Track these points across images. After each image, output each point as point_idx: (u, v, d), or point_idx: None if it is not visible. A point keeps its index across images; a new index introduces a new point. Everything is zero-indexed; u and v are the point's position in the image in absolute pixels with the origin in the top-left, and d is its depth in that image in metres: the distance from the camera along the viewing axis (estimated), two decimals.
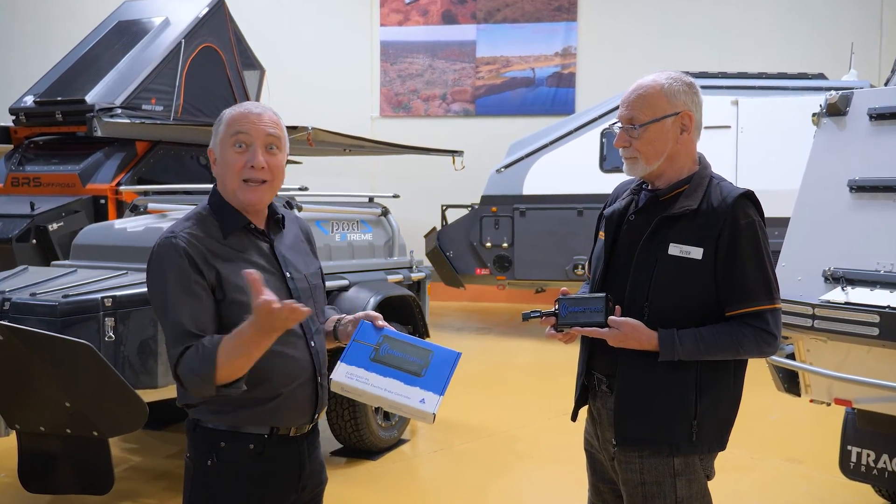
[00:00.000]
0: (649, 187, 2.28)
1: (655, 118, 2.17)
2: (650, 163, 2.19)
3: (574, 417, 2.42)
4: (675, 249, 2.11)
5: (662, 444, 2.15)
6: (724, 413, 2.20)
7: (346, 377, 2.01)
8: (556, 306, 2.21)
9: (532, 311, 2.27)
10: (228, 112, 2.10)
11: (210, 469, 2.04)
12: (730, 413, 2.21)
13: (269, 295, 1.76)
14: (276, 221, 2.17)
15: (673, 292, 2.12)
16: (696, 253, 2.09)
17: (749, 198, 2.15)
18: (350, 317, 2.22)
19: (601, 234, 2.35)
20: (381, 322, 2.12)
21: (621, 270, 2.21)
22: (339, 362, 2.04)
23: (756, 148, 8.59)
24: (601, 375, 2.26)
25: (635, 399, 2.16)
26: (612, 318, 2.12)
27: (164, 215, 4.83)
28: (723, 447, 2.22)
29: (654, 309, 2.12)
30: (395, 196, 6.22)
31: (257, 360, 1.89)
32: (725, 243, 2.09)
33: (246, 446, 2.03)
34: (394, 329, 2.13)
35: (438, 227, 10.28)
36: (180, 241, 1.98)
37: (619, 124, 2.24)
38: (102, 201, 6.27)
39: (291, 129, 6.12)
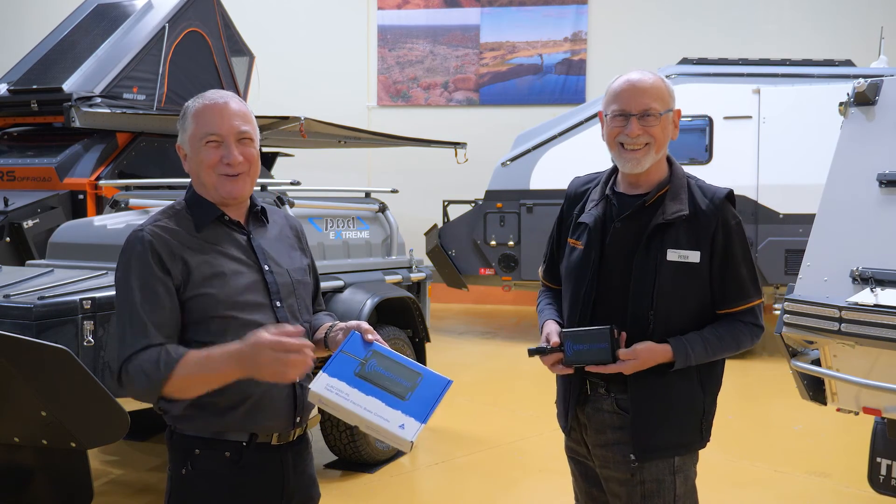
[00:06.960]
0: (618, 189, 2.39)
1: (668, 109, 2.32)
2: (659, 152, 2.33)
3: (568, 430, 2.50)
4: (673, 255, 2.29)
5: (680, 447, 2.34)
6: (715, 406, 2.44)
7: (326, 389, 1.99)
8: (560, 340, 2.31)
9: (538, 347, 2.36)
10: (192, 106, 2.13)
11: (185, 478, 2.08)
12: (715, 405, 2.45)
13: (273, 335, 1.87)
14: (255, 214, 2.22)
15: (676, 297, 2.30)
16: (694, 256, 2.29)
17: (731, 198, 2.36)
18: (343, 325, 2.23)
19: (572, 242, 2.43)
20: (372, 336, 2.11)
21: (616, 281, 2.33)
22: (320, 372, 2.04)
23: (779, 140, 8.60)
24: (597, 379, 2.37)
25: (652, 410, 2.32)
26: (622, 350, 2.26)
27: (146, 211, 4.83)
28: (709, 439, 2.45)
29: (658, 316, 2.29)
30: (394, 191, 6.24)
31: (209, 390, 1.97)
32: (720, 245, 2.31)
33: (221, 454, 2.07)
34: (385, 346, 2.12)
35: (440, 224, 10.29)
36: (146, 234, 2.05)
37: (622, 115, 2.29)
38: (81, 196, 6.27)
39: (282, 119, 6.12)
